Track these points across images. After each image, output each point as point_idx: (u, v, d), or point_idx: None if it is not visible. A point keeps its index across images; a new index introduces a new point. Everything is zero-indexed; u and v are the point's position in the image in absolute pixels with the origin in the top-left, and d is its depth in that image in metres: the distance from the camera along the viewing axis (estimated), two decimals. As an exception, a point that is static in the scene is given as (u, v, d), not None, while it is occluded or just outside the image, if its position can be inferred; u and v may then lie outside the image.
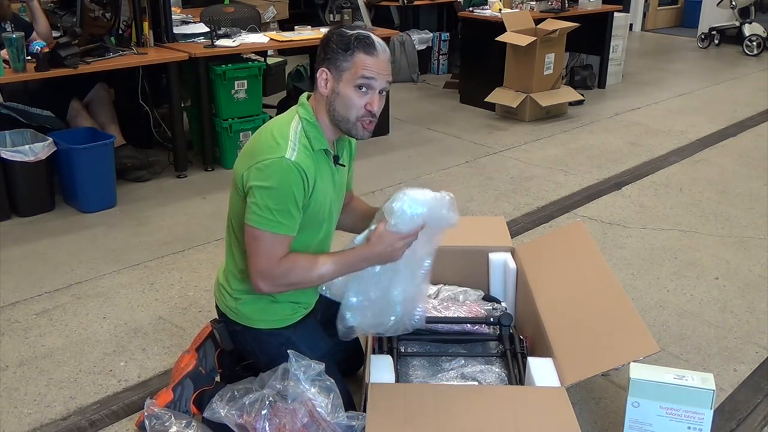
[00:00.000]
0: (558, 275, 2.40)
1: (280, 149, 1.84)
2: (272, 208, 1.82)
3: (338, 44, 1.86)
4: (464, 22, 6.21)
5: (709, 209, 3.97)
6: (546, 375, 2.00)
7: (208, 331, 2.18)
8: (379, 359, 2.06)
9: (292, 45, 4.65)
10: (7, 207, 3.70)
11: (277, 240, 1.85)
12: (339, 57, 1.86)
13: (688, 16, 10.52)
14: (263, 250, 1.86)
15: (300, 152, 1.85)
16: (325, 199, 1.97)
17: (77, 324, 2.80)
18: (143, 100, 4.29)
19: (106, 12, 3.94)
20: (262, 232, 1.84)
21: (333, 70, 1.88)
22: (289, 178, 1.82)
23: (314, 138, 1.91)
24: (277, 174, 1.82)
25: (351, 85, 1.87)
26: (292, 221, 1.86)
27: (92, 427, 2.24)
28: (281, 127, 1.90)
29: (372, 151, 4.79)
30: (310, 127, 1.92)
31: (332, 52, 1.87)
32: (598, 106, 6.15)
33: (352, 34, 1.87)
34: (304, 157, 1.86)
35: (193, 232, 3.60)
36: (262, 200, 1.83)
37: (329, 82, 1.89)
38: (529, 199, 4.10)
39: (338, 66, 1.87)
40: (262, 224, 1.83)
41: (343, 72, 1.87)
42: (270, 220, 1.83)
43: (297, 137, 1.88)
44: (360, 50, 1.86)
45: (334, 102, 1.90)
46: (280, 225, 1.84)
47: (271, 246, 1.85)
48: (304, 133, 1.90)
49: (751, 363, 2.59)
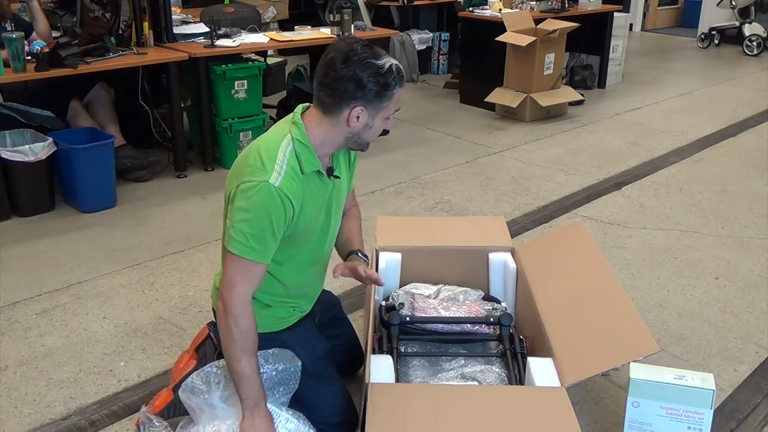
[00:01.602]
0: (558, 275, 2.40)
1: (265, 173, 1.77)
2: (247, 232, 1.78)
3: (376, 84, 1.78)
4: (464, 22, 6.21)
5: (709, 209, 3.97)
6: (546, 375, 2.00)
7: (207, 333, 2.18)
8: (379, 359, 2.06)
9: (292, 45, 4.65)
10: (7, 207, 3.70)
11: (247, 267, 1.80)
12: (378, 96, 1.80)
13: (688, 16, 10.52)
14: (232, 274, 1.81)
15: (286, 177, 1.79)
16: (318, 215, 1.94)
17: (77, 324, 2.80)
18: (143, 100, 4.29)
19: (106, 12, 3.94)
20: (235, 258, 1.80)
21: (370, 108, 1.81)
22: (269, 204, 1.76)
23: (305, 160, 1.84)
24: (257, 198, 1.76)
25: (384, 119, 1.86)
26: (264, 248, 1.81)
27: (92, 427, 2.24)
28: (270, 148, 1.83)
29: (372, 151, 4.73)
30: (302, 148, 1.84)
31: (369, 92, 1.78)
32: (598, 106, 6.15)
33: (387, 68, 1.78)
34: (290, 182, 1.79)
35: (193, 232, 3.60)
36: (239, 223, 1.79)
37: (362, 118, 1.82)
38: (529, 199, 4.10)
39: (377, 105, 1.81)
40: (237, 248, 1.79)
41: (382, 110, 1.83)
42: (242, 244, 1.78)
43: (286, 160, 1.81)
44: (398, 86, 1.82)
45: (362, 134, 1.87)
46: (252, 251, 1.79)
47: (240, 273, 1.81)
48: (295, 155, 1.83)
49: (751, 363, 2.59)
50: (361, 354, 2.38)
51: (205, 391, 1.91)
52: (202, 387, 1.92)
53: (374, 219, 2.94)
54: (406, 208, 3.96)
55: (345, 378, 2.22)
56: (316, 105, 1.86)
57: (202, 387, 1.92)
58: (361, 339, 2.45)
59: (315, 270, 2.11)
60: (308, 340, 2.08)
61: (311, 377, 2.00)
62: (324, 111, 1.84)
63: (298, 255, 1.98)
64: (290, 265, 1.98)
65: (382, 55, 1.80)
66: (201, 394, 1.91)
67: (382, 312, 2.40)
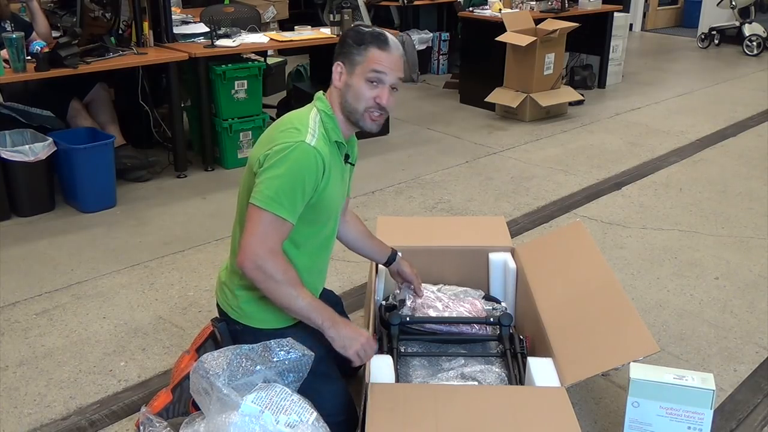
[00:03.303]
0: (558, 275, 2.40)
1: (300, 134, 1.88)
2: (279, 188, 1.84)
3: (354, 39, 1.95)
4: (464, 22, 6.21)
5: (709, 209, 3.97)
6: (546, 375, 2.00)
7: (208, 332, 2.18)
8: (379, 359, 2.06)
9: (292, 45, 4.65)
10: (7, 207, 3.70)
11: (274, 223, 1.85)
12: (353, 51, 1.94)
13: (688, 16, 10.52)
14: (258, 229, 1.85)
15: (320, 139, 1.91)
16: (335, 193, 2.00)
17: (77, 324, 2.80)
18: (143, 100, 4.30)
19: (106, 12, 3.94)
20: (262, 212, 1.84)
21: (347, 64, 1.95)
22: (306, 161, 1.85)
23: (331, 129, 1.97)
24: (293, 156, 1.85)
25: (362, 78, 1.94)
26: (293, 206, 1.86)
27: (92, 427, 2.24)
28: (300, 117, 1.96)
29: (372, 151, 4.79)
30: (328, 118, 1.97)
31: (347, 46, 1.95)
32: (598, 106, 6.15)
33: (368, 30, 1.97)
34: (323, 144, 1.91)
35: (193, 232, 3.60)
36: (271, 180, 1.85)
37: (343, 75, 1.96)
38: (529, 199, 4.10)
39: (352, 60, 1.94)
40: (265, 203, 1.84)
41: (356, 66, 1.94)
42: (273, 200, 1.83)
43: (317, 125, 1.93)
44: (373, 45, 1.93)
45: (347, 94, 1.96)
46: (282, 207, 1.84)
47: (267, 227, 1.85)
48: (322, 123, 1.96)
49: (751, 363, 2.59)
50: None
51: (214, 374, 1.91)
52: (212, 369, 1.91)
53: (374, 219, 2.94)
54: (406, 208, 3.96)
55: (345, 378, 2.22)
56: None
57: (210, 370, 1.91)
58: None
59: (324, 257, 2.14)
60: (312, 339, 2.07)
61: (313, 375, 1.99)
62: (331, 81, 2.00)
63: (317, 237, 2.03)
64: (307, 249, 2.02)
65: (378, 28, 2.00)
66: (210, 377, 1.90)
67: (382, 312, 2.40)
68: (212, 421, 1.84)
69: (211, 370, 1.89)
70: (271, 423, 1.79)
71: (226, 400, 1.85)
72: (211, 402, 1.87)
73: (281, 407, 1.83)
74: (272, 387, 1.87)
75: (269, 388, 1.87)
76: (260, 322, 2.04)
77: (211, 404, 1.87)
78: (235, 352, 1.92)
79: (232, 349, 1.93)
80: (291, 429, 1.80)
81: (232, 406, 1.84)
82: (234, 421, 1.79)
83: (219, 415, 1.84)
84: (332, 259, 2.17)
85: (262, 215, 1.85)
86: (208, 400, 1.88)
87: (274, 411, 1.81)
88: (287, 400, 1.87)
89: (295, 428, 1.80)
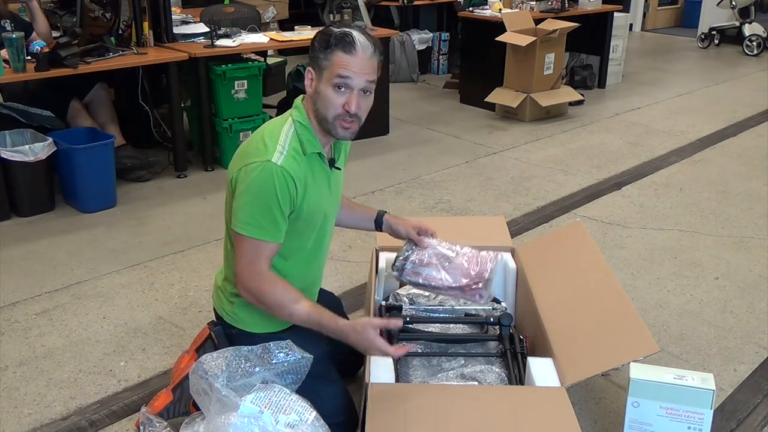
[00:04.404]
0: (558, 275, 2.40)
1: (267, 152, 1.81)
2: (254, 213, 1.81)
3: (319, 43, 1.84)
4: (464, 22, 6.21)
5: (709, 209, 3.97)
6: (546, 375, 2.00)
7: (207, 333, 2.18)
8: (379, 359, 2.06)
9: (292, 45, 4.65)
10: (7, 207, 3.70)
11: (259, 247, 1.83)
12: (320, 56, 1.84)
13: (688, 16, 10.52)
14: (244, 257, 1.84)
15: (288, 156, 1.83)
16: (320, 202, 1.96)
17: (77, 324, 2.80)
18: (143, 100, 4.30)
19: (106, 12, 3.94)
20: (243, 238, 1.83)
21: (316, 69, 1.86)
22: (273, 182, 1.80)
23: (307, 141, 1.89)
24: (261, 178, 1.80)
25: (329, 84, 1.84)
26: (274, 227, 1.83)
27: (92, 427, 2.24)
28: (273, 130, 1.88)
29: (372, 151, 4.80)
30: (303, 129, 1.89)
31: (315, 51, 1.85)
32: (598, 106, 6.15)
33: (334, 32, 1.83)
34: (291, 161, 1.83)
35: (193, 232, 3.60)
36: (246, 206, 1.82)
37: (313, 81, 1.88)
38: (529, 199, 4.10)
39: (320, 65, 1.85)
40: (245, 229, 1.82)
41: (323, 71, 1.84)
42: (251, 225, 1.81)
43: (287, 140, 1.85)
44: (338, 48, 1.81)
45: (317, 102, 1.88)
46: (262, 230, 1.82)
47: (252, 253, 1.84)
48: (297, 136, 1.88)
49: (751, 363, 2.59)
50: (361, 354, 2.37)
51: (213, 375, 1.91)
52: (211, 370, 1.91)
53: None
54: (406, 208, 3.96)
55: (345, 378, 2.22)
56: None
57: (210, 370, 1.91)
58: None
59: (316, 265, 2.12)
60: (308, 341, 2.07)
61: (311, 377, 1.99)
62: None
63: (302, 248, 2.00)
64: (295, 260, 2.00)
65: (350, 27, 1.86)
66: (209, 377, 1.90)
67: (382, 312, 2.40)
68: (212, 422, 1.84)
69: (210, 371, 1.89)
70: (271, 423, 1.79)
71: (225, 401, 1.85)
72: (211, 403, 1.87)
73: (280, 407, 1.83)
74: (271, 387, 1.88)
75: (268, 388, 1.87)
76: (254, 327, 2.04)
77: (210, 405, 1.87)
78: (234, 354, 1.92)
79: (231, 350, 1.93)
80: (291, 429, 1.80)
81: (231, 407, 1.84)
82: (233, 422, 1.79)
83: (219, 416, 1.84)
84: (332, 259, 2.17)
85: (245, 242, 1.84)
86: (207, 401, 1.88)
87: (273, 411, 1.81)
88: (286, 399, 1.87)
89: (294, 428, 1.80)
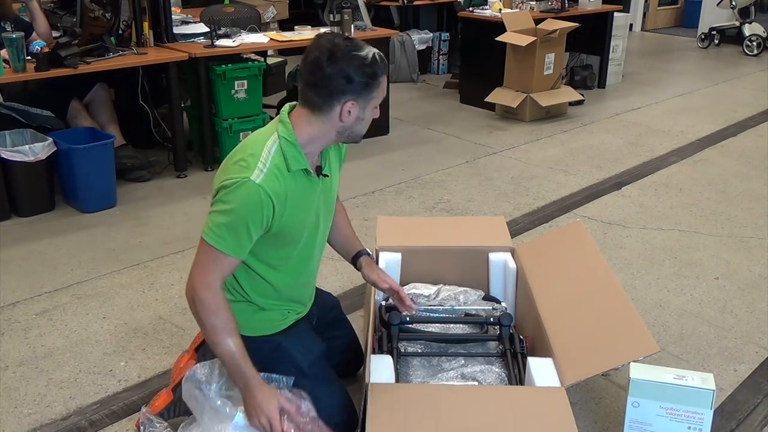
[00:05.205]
0: (558, 275, 2.40)
1: (248, 169, 1.77)
2: (223, 224, 1.79)
3: (364, 75, 1.78)
4: (464, 22, 6.21)
5: (709, 209, 3.97)
6: (546, 375, 2.00)
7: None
8: (379, 359, 2.06)
9: (292, 45, 4.65)
10: (7, 207, 3.70)
11: (216, 257, 1.80)
12: (367, 87, 1.80)
13: (688, 16, 10.52)
14: (199, 259, 1.82)
15: (269, 174, 1.78)
16: (304, 217, 1.93)
17: (77, 324, 2.80)
18: (143, 100, 4.30)
19: (106, 12, 3.94)
20: (205, 244, 1.81)
21: (361, 101, 1.82)
22: (249, 200, 1.77)
23: (292, 158, 1.83)
24: (237, 195, 1.77)
25: (374, 108, 1.86)
26: (237, 243, 1.80)
27: (92, 427, 2.24)
28: (256, 145, 1.83)
29: (372, 151, 4.79)
30: (289, 146, 1.83)
31: (359, 84, 1.78)
32: (598, 106, 6.15)
33: (371, 58, 1.79)
34: (272, 180, 1.79)
35: (193, 232, 3.60)
36: (216, 215, 1.80)
37: (353, 111, 1.82)
38: (529, 199, 4.10)
39: (366, 96, 1.81)
40: (208, 236, 1.80)
41: (371, 100, 1.84)
42: (216, 235, 1.79)
43: (270, 157, 1.80)
44: (384, 74, 1.83)
45: (355, 126, 1.86)
46: (223, 242, 1.79)
47: (207, 260, 1.81)
48: (281, 152, 1.83)
49: (751, 363, 2.59)
50: (361, 354, 2.38)
51: (206, 383, 1.91)
52: (204, 379, 1.91)
53: (374, 219, 2.94)
54: (406, 208, 3.96)
55: (345, 378, 2.22)
56: (303, 105, 1.85)
57: (203, 379, 1.91)
58: (361, 339, 2.44)
59: (307, 272, 2.10)
60: (304, 342, 2.07)
61: (309, 379, 1.99)
62: (313, 110, 1.83)
63: (291, 258, 1.98)
64: (285, 269, 1.99)
65: (363, 47, 1.80)
66: (203, 386, 1.91)
67: (382, 312, 2.40)
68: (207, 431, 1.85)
69: (204, 378, 1.90)
70: None
71: (219, 410, 1.85)
72: (204, 411, 1.87)
73: None
74: None
75: None
76: (247, 330, 1.98)
77: (204, 413, 1.87)
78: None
79: None
80: None
81: (225, 417, 1.84)
82: None
83: (214, 425, 1.85)
84: (332, 259, 2.17)
85: (204, 247, 1.81)
86: (200, 410, 1.88)
87: None
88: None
89: None
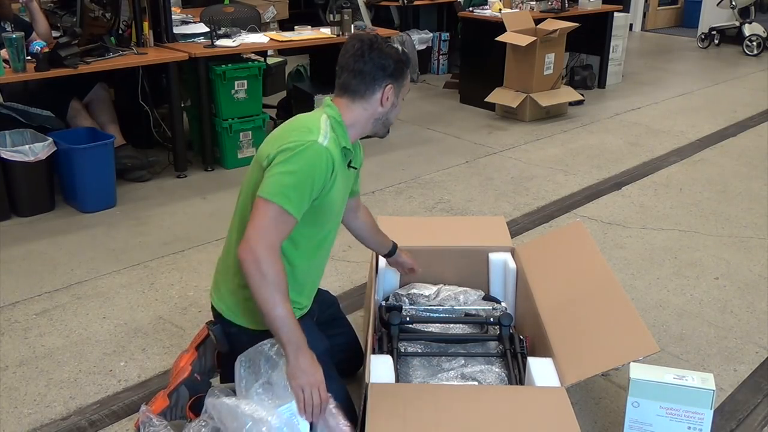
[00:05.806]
0: (558, 275, 2.40)
1: (312, 134, 1.90)
2: (288, 183, 1.84)
3: (399, 62, 2.00)
4: (464, 22, 6.21)
5: (709, 209, 3.97)
6: (546, 375, 2.00)
7: (207, 332, 2.18)
8: (379, 359, 2.06)
9: (292, 45, 4.65)
10: (7, 207, 3.70)
11: (280, 216, 1.83)
12: (402, 73, 2.02)
13: (688, 16, 10.52)
14: (263, 222, 1.83)
15: (332, 141, 1.93)
16: (338, 197, 2.01)
17: (77, 324, 2.80)
18: (143, 100, 4.30)
19: (106, 12, 3.94)
20: (268, 204, 1.83)
21: (396, 86, 2.02)
22: (318, 161, 1.87)
23: (341, 135, 1.98)
24: (306, 154, 1.86)
25: (403, 96, 2.06)
26: (300, 202, 1.86)
27: (92, 427, 2.24)
28: (312, 119, 1.98)
29: (372, 151, 4.79)
30: (337, 125, 1.99)
31: (396, 71, 2.00)
32: (598, 106, 6.15)
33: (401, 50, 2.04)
34: (334, 146, 1.93)
35: (193, 232, 3.60)
36: (282, 175, 1.85)
37: (391, 96, 2.01)
38: (529, 199, 4.10)
39: (401, 82, 2.03)
40: (273, 195, 1.83)
41: (403, 86, 2.05)
42: (281, 194, 1.83)
43: (328, 128, 1.95)
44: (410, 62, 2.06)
45: (390, 113, 2.05)
46: (289, 201, 1.83)
47: (271, 221, 1.83)
48: (332, 129, 1.97)
49: (751, 363, 2.59)
50: (360, 353, 2.38)
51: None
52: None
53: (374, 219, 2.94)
54: (406, 208, 3.96)
55: (345, 378, 2.22)
56: (343, 94, 2.01)
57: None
58: (361, 339, 2.45)
59: (321, 258, 2.14)
60: (309, 339, 2.07)
61: None
62: (354, 97, 2.00)
63: (313, 237, 2.03)
64: (304, 249, 2.01)
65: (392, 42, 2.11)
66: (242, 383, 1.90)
67: (382, 312, 2.40)
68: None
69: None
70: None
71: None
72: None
73: None
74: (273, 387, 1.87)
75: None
76: (254, 324, 2.00)
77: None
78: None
79: None
80: None
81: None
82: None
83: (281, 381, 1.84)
84: (332, 259, 2.17)
85: (269, 207, 1.83)
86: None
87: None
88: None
89: None
